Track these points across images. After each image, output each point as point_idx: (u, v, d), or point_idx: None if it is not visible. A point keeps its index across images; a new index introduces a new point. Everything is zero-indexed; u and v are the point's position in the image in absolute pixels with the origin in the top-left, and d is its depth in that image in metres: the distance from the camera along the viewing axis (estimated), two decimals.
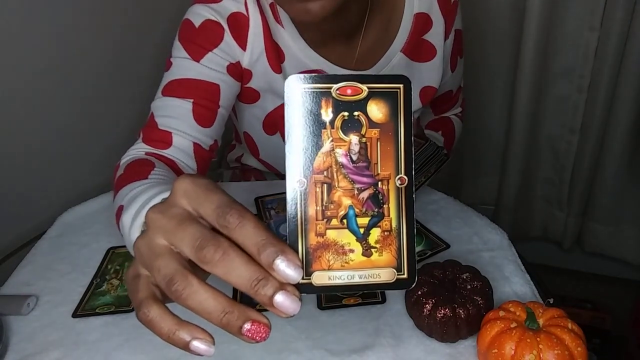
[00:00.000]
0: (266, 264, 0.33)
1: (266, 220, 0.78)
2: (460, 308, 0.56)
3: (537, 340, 0.49)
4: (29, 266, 0.72)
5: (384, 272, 0.37)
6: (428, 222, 0.77)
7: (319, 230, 0.36)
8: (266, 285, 0.33)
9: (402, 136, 0.38)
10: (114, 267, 0.71)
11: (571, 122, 1.45)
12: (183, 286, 0.33)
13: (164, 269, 0.33)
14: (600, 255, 1.60)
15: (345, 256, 0.36)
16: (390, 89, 0.38)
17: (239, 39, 0.75)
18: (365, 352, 0.57)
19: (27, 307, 0.64)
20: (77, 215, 0.82)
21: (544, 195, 1.60)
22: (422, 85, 0.88)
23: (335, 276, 0.36)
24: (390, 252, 0.37)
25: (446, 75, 0.91)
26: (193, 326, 0.35)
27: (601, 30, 1.29)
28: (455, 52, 0.90)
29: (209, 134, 0.75)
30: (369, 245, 0.37)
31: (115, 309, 0.64)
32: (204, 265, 0.33)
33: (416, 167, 0.77)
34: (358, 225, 0.37)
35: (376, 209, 0.37)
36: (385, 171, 0.38)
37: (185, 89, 0.74)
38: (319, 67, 0.80)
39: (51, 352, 0.59)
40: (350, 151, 0.38)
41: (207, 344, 0.35)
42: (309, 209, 0.36)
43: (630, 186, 1.47)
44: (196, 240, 0.33)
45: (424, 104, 0.90)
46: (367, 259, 0.37)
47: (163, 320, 0.35)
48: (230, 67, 0.76)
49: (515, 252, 0.72)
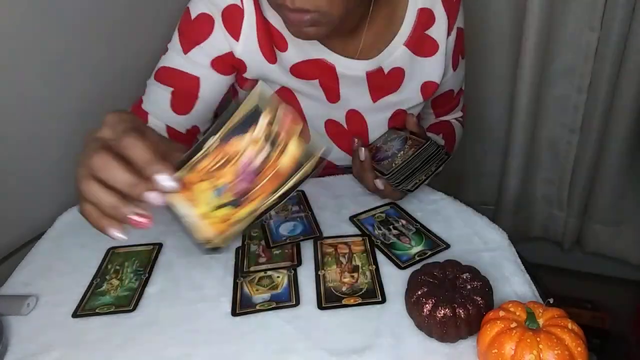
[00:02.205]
0: (147, 176, 0.47)
1: (266, 220, 0.78)
2: (460, 308, 0.56)
3: (537, 341, 0.49)
4: (29, 266, 0.72)
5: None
6: (428, 222, 0.77)
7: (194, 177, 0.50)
8: (140, 185, 0.47)
9: (282, 189, 0.49)
10: (113, 267, 0.71)
11: (571, 122, 1.45)
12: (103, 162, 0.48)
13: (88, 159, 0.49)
14: (600, 255, 1.59)
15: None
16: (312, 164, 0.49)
17: (233, 30, 0.78)
18: (365, 352, 0.57)
19: (27, 307, 0.64)
20: (77, 215, 0.81)
21: (544, 196, 1.60)
22: (424, 80, 0.89)
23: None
24: (217, 227, 0.51)
25: (448, 73, 0.92)
26: (133, 204, 0.48)
27: (601, 30, 1.29)
28: (457, 50, 0.91)
29: (185, 120, 0.84)
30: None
31: (116, 309, 0.64)
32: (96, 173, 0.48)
33: (417, 166, 0.77)
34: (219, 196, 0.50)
35: (234, 200, 0.50)
36: (253, 197, 0.50)
37: (169, 77, 0.83)
38: (322, 56, 0.81)
39: (51, 352, 0.59)
40: (255, 157, 0.49)
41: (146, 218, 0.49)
42: (205, 160, 0.49)
43: (630, 186, 1.47)
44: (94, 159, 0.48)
45: (424, 99, 0.90)
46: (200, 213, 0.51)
47: (106, 195, 0.48)
48: (217, 61, 0.81)
49: (515, 252, 0.72)
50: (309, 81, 0.83)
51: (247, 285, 0.67)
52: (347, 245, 0.73)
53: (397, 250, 0.72)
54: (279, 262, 0.70)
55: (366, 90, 0.86)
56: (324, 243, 0.73)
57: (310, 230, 0.76)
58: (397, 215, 0.79)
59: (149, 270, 0.70)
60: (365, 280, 0.67)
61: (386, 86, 0.87)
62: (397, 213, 0.80)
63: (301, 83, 0.84)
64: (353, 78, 0.84)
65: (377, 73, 0.85)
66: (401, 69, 0.86)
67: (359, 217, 0.79)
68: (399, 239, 0.74)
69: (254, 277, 0.68)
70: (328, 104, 0.86)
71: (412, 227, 0.77)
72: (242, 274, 0.69)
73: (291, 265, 0.70)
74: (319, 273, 0.68)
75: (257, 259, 0.71)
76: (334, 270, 0.68)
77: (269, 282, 0.67)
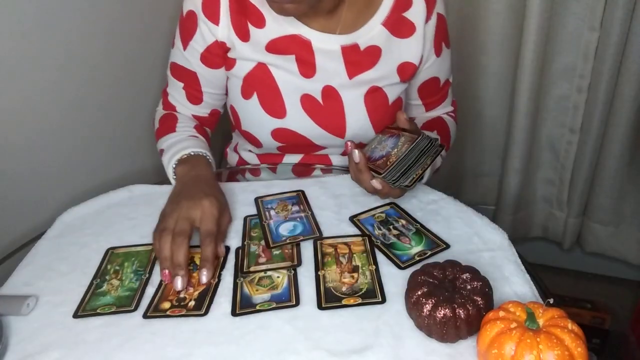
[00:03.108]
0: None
1: (266, 220, 0.78)
2: (460, 308, 0.56)
3: (537, 341, 0.49)
4: (29, 266, 0.72)
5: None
6: (428, 222, 0.77)
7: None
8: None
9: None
10: (113, 268, 0.71)
11: (571, 122, 1.45)
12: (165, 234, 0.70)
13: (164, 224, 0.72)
14: (600, 255, 1.60)
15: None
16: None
17: (212, 16, 0.85)
18: (365, 352, 0.57)
19: (27, 308, 0.64)
20: (77, 215, 0.82)
21: (544, 195, 1.60)
22: (401, 61, 0.91)
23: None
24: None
25: (430, 58, 0.94)
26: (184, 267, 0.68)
27: (601, 30, 1.29)
28: (439, 37, 0.93)
29: (202, 109, 0.96)
30: None
31: (116, 309, 0.64)
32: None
33: (412, 161, 0.77)
34: None
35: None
36: None
37: (178, 73, 0.93)
38: (299, 32, 0.86)
39: (51, 353, 0.59)
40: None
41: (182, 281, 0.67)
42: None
43: (630, 186, 1.47)
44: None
45: (402, 79, 0.92)
46: None
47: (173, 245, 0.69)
48: (204, 55, 0.88)
49: (515, 252, 0.71)
50: (285, 56, 0.87)
51: (247, 285, 0.67)
52: (347, 245, 0.73)
53: (397, 251, 0.72)
54: (279, 262, 0.70)
55: (342, 66, 0.88)
56: (323, 243, 0.73)
57: (310, 230, 0.76)
58: (397, 215, 0.79)
59: (149, 270, 0.70)
60: (365, 281, 0.67)
61: (362, 63, 0.89)
62: (397, 213, 0.80)
63: (277, 58, 0.87)
64: (329, 53, 0.87)
65: (353, 49, 0.88)
66: (378, 47, 0.89)
67: (359, 217, 0.79)
68: (399, 239, 0.74)
69: (254, 277, 0.68)
70: (304, 79, 0.88)
71: (412, 227, 0.77)
72: (242, 274, 0.69)
73: (291, 265, 0.70)
74: (319, 273, 0.68)
75: (257, 259, 0.71)
76: (333, 270, 0.68)
77: (269, 282, 0.67)
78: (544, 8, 1.25)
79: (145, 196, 0.86)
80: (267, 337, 0.59)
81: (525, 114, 1.40)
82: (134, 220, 0.80)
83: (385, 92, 0.91)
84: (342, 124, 0.91)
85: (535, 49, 1.29)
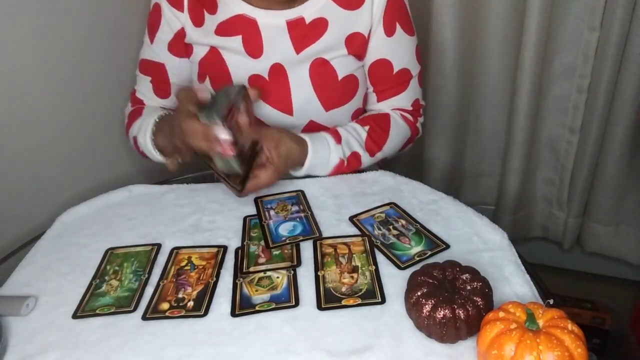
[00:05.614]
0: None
1: (265, 221, 0.78)
2: (460, 309, 0.56)
3: (537, 342, 0.49)
4: (28, 266, 0.72)
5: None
6: (428, 222, 0.77)
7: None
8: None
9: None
10: (112, 268, 0.71)
11: (571, 122, 1.44)
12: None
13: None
14: (600, 255, 1.59)
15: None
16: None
17: (177, 5, 0.89)
18: (365, 353, 0.57)
19: (27, 308, 0.64)
20: (77, 215, 0.82)
21: (544, 195, 1.60)
22: (349, 32, 0.90)
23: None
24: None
25: (377, 33, 0.91)
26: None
27: (601, 30, 1.29)
28: (392, 15, 0.90)
29: (169, 102, 0.97)
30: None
31: (116, 309, 0.64)
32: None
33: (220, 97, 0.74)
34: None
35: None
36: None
37: (146, 67, 0.95)
38: (244, 11, 0.87)
39: (50, 353, 0.59)
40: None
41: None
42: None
43: (630, 186, 1.47)
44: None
45: (350, 51, 0.91)
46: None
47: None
48: (172, 44, 0.91)
49: (515, 252, 0.71)
50: (233, 37, 0.88)
51: (247, 285, 0.67)
52: (346, 245, 0.73)
53: (396, 251, 0.72)
54: (278, 263, 0.70)
55: (289, 41, 0.88)
56: (323, 243, 0.73)
57: (310, 230, 0.76)
58: (396, 216, 0.79)
59: (149, 271, 0.70)
60: (365, 281, 0.67)
61: (309, 36, 0.88)
62: (396, 213, 0.80)
63: (225, 40, 0.88)
64: (275, 29, 0.87)
65: (298, 22, 0.87)
66: (324, 19, 0.88)
67: (359, 217, 0.79)
68: (399, 239, 0.74)
69: (253, 277, 0.68)
70: (252, 60, 0.89)
71: (411, 227, 0.76)
72: (241, 274, 0.69)
73: (291, 265, 0.70)
74: (319, 273, 0.68)
75: (257, 259, 0.71)
76: (333, 270, 0.68)
77: (268, 282, 0.67)
78: (544, 8, 1.25)
79: (144, 196, 0.86)
80: (267, 337, 0.59)
81: (525, 114, 1.39)
82: (133, 220, 0.80)
83: (333, 66, 0.90)
84: (288, 100, 0.90)
85: (535, 49, 1.29)
